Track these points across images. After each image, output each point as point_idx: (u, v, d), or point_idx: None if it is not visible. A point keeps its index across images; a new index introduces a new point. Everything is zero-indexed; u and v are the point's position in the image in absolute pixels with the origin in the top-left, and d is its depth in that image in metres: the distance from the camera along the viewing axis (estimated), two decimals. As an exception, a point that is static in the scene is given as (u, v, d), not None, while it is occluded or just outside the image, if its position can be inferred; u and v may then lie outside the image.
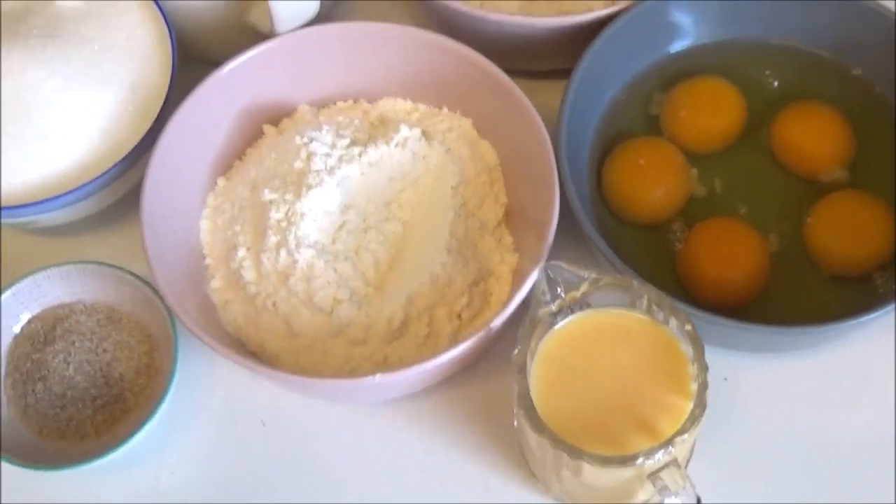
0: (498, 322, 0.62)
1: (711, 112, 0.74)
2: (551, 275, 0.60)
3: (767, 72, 0.75)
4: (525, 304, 0.62)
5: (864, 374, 0.69)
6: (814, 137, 0.72)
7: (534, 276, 0.63)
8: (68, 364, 0.68)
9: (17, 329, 0.69)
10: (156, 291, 0.67)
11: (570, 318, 0.61)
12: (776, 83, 0.75)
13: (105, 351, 0.68)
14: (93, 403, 0.67)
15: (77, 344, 0.68)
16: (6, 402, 0.68)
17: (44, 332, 0.69)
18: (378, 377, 0.61)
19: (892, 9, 0.72)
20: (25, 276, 0.69)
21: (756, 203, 0.71)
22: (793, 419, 0.68)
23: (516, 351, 0.59)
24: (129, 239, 0.72)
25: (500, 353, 0.66)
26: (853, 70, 0.75)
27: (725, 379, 0.68)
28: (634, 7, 0.72)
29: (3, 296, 0.68)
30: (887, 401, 0.68)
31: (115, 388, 0.68)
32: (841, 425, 0.68)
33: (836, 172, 0.72)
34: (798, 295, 0.69)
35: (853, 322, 0.63)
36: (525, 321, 0.60)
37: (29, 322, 0.69)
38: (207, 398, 0.69)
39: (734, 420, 0.67)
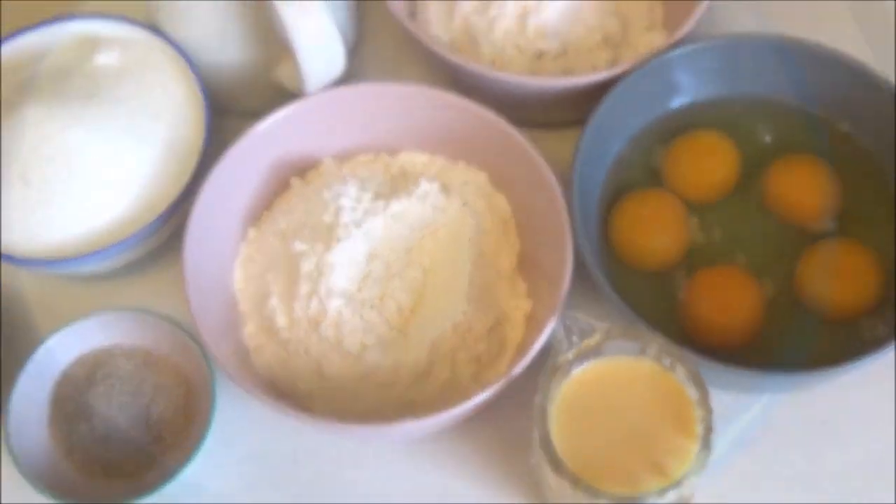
0: (519, 369, 0.67)
1: (708, 165, 0.78)
2: (568, 325, 0.65)
3: (761, 127, 0.80)
4: (541, 350, 0.67)
5: (854, 410, 0.74)
6: (803, 189, 0.77)
7: (551, 325, 0.67)
8: (110, 406, 0.72)
9: (60, 372, 0.73)
10: (191, 336, 0.72)
11: (586, 364, 0.65)
12: (769, 137, 0.80)
13: (144, 393, 0.73)
14: (134, 444, 0.71)
15: (117, 387, 0.72)
16: (51, 441, 0.72)
17: (86, 376, 0.73)
18: (409, 424, 0.65)
19: (876, 69, 0.77)
20: (68, 323, 0.73)
21: (752, 250, 0.76)
22: (787, 453, 0.73)
23: (538, 397, 0.64)
24: (162, 282, 0.78)
25: (514, 392, 0.70)
26: (840, 126, 0.79)
27: (723, 416, 0.73)
28: (639, 68, 0.76)
29: (48, 342, 0.72)
30: (878, 436, 0.73)
31: (154, 429, 0.72)
32: (831, 458, 0.73)
33: (824, 222, 0.76)
34: (791, 338, 0.73)
35: (838, 369, 0.68)
36: (546, 368, 0.64)
37: (71, 366, 0.73)
38: (242, 437, 0.74)
39: (733, 455, 0.72)
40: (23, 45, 0.79)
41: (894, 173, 0.77)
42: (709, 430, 0.63)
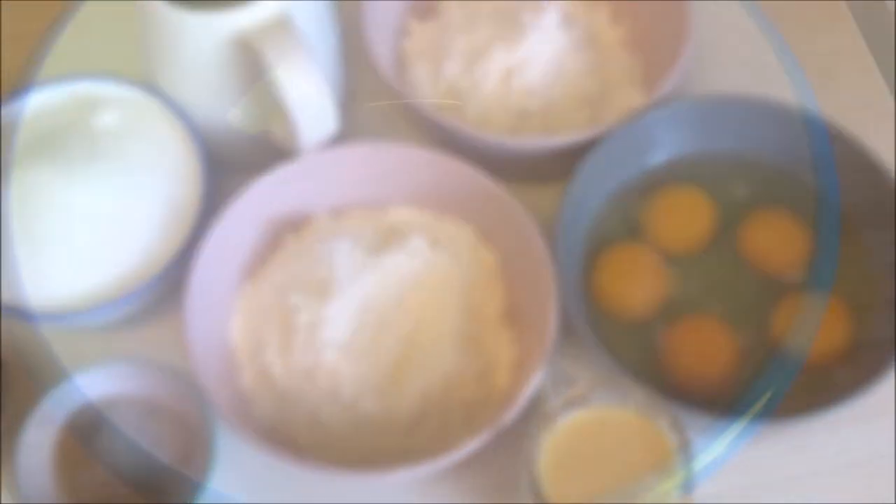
0: (508, 418, 0.70)
1: (685, 219, 0.82)
2: (555, 374, 0.69)
3: (735, 182, 0.83)
4: (529, 399, 0.70)
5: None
6: (775, 242, 0.81)
7: (538, 374, 0.70)
8: (113, 454, 0.74)
9: (65, 421, 0.75)
10: (192, 386, 0.74)
11: (572, 413, 0.68)
12: (743, 192, 0.83)
13: (146, 442, 0.75)
14: (136, 490, 0.73)
15: (120, 435, 0.75)
16: (56, 490, 0.74)
17: (90, 425, 0.75)
18: (402, 471, 0.68)
19: (841, 127, 0.80)
20: (73, 374, 0.75)
21: (727, 300, 0.79)
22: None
23: (526, 443, 0.67)
24: (162, 333, 0.80)
25: (503, 438, 0.72)
26: (812, 181, 0.82)
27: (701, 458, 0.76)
28: (618, 128, 0.80)
29: (53, 393, 0.74)
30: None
31: (156, 476, 0.74)
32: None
33: (795, 274, 0.80)
34: (767, 385, 0.75)
35: (813, 416, 0.71)
36: (534, 417, 0.67)
37: (76, 415, 0.75)
38: (241, 483, 0.75)
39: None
40: (23, 106, 0.81)
41: (864, 226, 0.80)
42: (689, 475, 0.66)
